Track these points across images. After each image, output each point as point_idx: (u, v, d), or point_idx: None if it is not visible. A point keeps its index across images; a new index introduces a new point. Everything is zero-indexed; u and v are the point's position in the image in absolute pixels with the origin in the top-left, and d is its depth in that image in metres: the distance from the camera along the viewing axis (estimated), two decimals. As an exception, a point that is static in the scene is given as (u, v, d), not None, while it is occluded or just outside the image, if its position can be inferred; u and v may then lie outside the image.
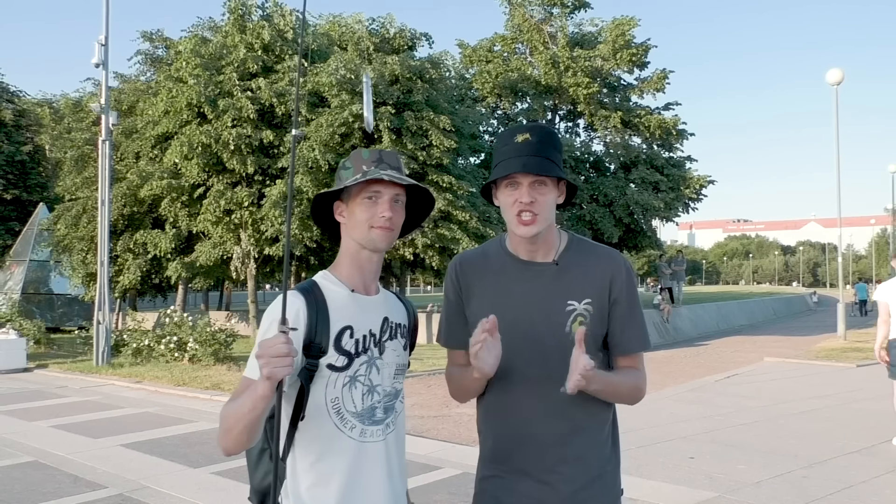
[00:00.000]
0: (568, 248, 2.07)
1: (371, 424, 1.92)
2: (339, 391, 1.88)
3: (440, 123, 18.39)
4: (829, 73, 21.25)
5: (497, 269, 2.08)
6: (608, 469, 2.06)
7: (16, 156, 29.31)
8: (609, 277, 2.02)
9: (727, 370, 14.33)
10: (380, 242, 1.95)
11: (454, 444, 7.89)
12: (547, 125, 2.28)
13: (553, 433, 1.99)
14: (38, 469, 7.03)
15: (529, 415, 2.00)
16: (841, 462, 6.92)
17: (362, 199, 1.93)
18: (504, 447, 2.04)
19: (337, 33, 21.48)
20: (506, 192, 1.99)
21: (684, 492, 5.98)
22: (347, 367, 1.90)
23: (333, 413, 1.88)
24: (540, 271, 2.04)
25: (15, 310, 21.14)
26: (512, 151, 1.97)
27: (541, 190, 1.96)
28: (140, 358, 15.34)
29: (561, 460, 1.99)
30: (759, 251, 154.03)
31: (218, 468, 6.88)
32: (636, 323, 2.05)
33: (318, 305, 1.89)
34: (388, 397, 1.97)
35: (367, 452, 1.90)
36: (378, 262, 2.02)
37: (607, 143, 27.52)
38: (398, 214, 1.97)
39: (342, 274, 1.99)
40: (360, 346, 1.92)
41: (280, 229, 17.92)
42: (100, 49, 15.72)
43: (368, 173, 1.91)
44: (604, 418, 2.07)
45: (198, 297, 39.16)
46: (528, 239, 1.99)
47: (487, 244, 2.19)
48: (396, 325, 2.04)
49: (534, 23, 27.88)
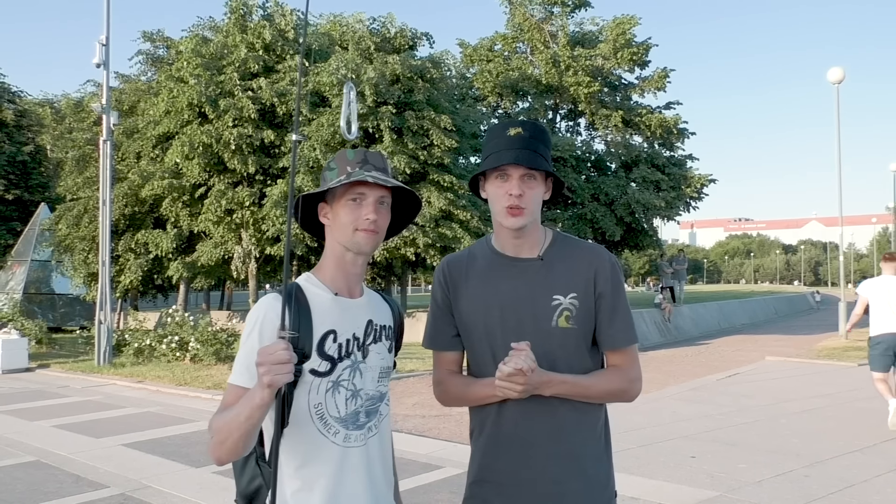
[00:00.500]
0: (553, 244, 2.08)
1: (355, 429, 1.90)
2: (323, 396, 1.86)
3: (441, 123, 18.38)
4: (830, 71, 21.23)
5: (483, 268, 2.08)
6: (601, 468, 2.05)
7: (17, 156, 29.34)
8: (594, 271, 2.01)
9: (728, 369, 14.32)
10: (364, 245, 1.92)
11: (455, 443, 7.89)
12: (538, 122, 2.29)
13: (542, 430, 1.98)
14: (39, 469, 7.04)
15: (518, 412, 1.98)
16: (843, 461, 6.91)
17: (346, 201, 1.90)
18: (494, 446, 2.03)
19: (338, 33, 21.47)
20: (495, 183, 1.99)
21: (686, 491, 5.97)
22: (330, 371, 1.87)
23: (317, 419, 1.85)
24: (525, 267, 2.04)
25: (17, 310, 21.15)
26: (504, 144, 1.98)
27: (530, 184, 1.97)
28: (141, 358, 15.36)
29: (551, 458, 1.97)
30: (761, 250, 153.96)
31: (219, 468, 6.89)
32: (621, 317, 2.04)
33: (301, 310, 1.86)
34: (372, 401, 1.94)
35: (351, 457, 1.88)
36: (363, 265, 1.99)
37: (608, 142, 27.51)
38: (383, 217, 1.94)
39: (325, 277, 1.96)
40: (344, 351, 1.90)
41: (281, 229, 17.92)
42: (101, 49, 15.73)
43: (353, 175, 1.88)
44: (595, 417, 2.05)
45: (199, 296, 39.14)
46: (514, 232, 2.00)
47: (474, 245, 2.20)
48: (381, 327, 2.01)
49: (534, 22, 27.87)
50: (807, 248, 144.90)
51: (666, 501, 5.73)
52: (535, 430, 1.98)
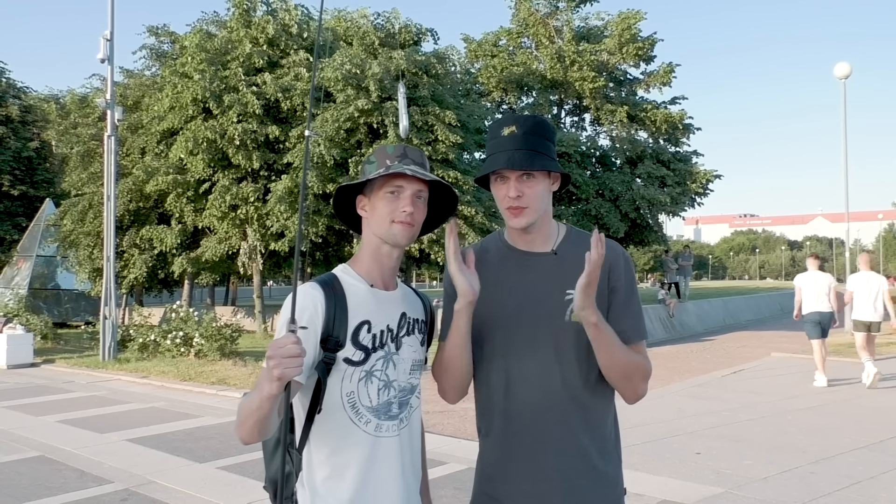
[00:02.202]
0: (566, 239, 2.07)
1: (387, 419, 1.93)
2: (355, 385, 1.89)
3: (446, 118, 18.34)
4: (837, 66, 21.10)
5: (496, 262, 2.07)
6: (611, 466, 2.03)
7: (22, 152, 29.39)
8: (608, 266, 2.00)
9: (734, 365, 14.28)
10: (400, 238, 1.96)
11: (459, 439, 7.87)
12: (537, 115, 2.26)
13: (554, 426, 1.96)
14: (44, 464, 7.05)
15: (529, 406, 1.97)
16: (849, 458, 6.88)
17: (384, 194, 1.94)
18: (502, 443, 2.01)
19: (342, 28, 21.45)
20: (496, 185, 2.00)
21: (691, 487, 5.95)
22: (364, 361, 1.91)
23: (349, 407, 1.89)
24: (538, 261, 2.03)
25: (22, 305, 21.21)
26: (498, 146, 1.97)
27: (528, 183, 1.95)
28: (146, 353, 15.38)
29: (560, 455, 1.96)
30: (766, 246, 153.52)
31: (224, 463, 6.89)
32: (632, 312, 2.02)
33: (337, 299, 1.90)
34: (404, 392, 1.98)
35: (382, 447, 1.92)
36: (398, 258, 2.03)
37: (613, 137, 27.40)
38: (419, 211, 1.97)
39: (361, 269, 2.00)
40: (378, 342, 1.93)
41: (286, 224, 17.92)
42: (105, 44, 15.72)
43: (391, 167, 1.92)
44: (605, 413, 2.04)
45: (204, 292, 39.20)
46: (523, 229, 2.00)
47: (486, 239, 2.19)
48: (414, 320, 2.05)
49: (539, 17, 27.78)
50: (812, 244, 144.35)
51: (671, 498, 5.71)
52: (543, 426, 1.96)
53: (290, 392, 1.73)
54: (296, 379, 1.76)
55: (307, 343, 1.77)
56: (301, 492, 1.91)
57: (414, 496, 2.01)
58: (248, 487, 6.05)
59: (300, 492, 1.91)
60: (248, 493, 5.88)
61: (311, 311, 1.85)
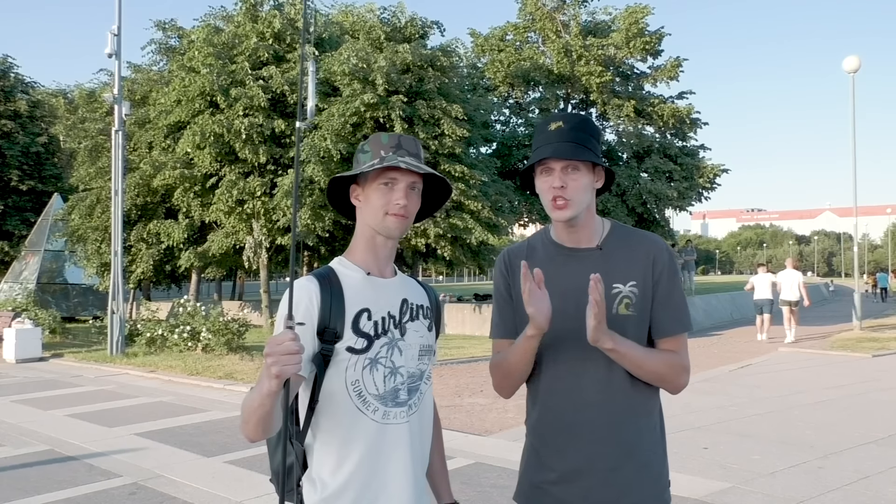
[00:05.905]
0: (611, 234, 2.10)
1: (394, 406, 1.91)
2: (360, 373, 1.88)
3: (452, 112, 18.32)
4: (846, 60, 20.95)
5: (542, 258, 2.10)
6: (655, 458, 2.08)
7: (31, 147, 29.50)
8: (651, 258, 2.03)
9: (741, 360, 14.24)
10: (394, 230, 1.94)
11: (466, 433, 7.88)
12: (582, 114, 2.31)
13: (601, 418, 2.00)
14: (53, 457, 7.08)
15: (578, 400, 2.01)
16: (857, 452, 6.85)
17: (378, 185, 1.93)
18: (551, 433, 2.05)
19: (349, 22, 21.43)
20: (541, 178, 2.03)
21: (699, 482, 5.94)
22: (367, 349, 1.89)
23: (355, 395, 1.88)
24: (584, 257, 2.06)
25: (30, 299, 21.33)
26: (544, 139, 2.01)
27: (573, 175, 1.98)
28: (154, 347, 15.43)
29: (606, 445, 1.99)
30: (774, 241, 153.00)
31: (232, 457, 6.91)
32: (674, 303, 2.04)
33: (333, 290, 1.89)
34: (413, 378, 1.96)
35: (390, 434, 1.90)
36: (392, 247, 2.02)
37: (620, 132, 27.31)
38: (413, 202, 1.96)
39: (357, 258, 1.99)
40: (380, 328, 1.92)
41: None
42: (113, 39, 15.74)
43: (386, 159, 1.90)
44: (652, 405, 2.09)
45: (211, 286, 39.31)
46: (566, 223, 2.03)
47: (533, 236, 2.22)
48: (417, 306, 2.03)
49: (546, 11, 27.68)
50: (820, 238, 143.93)
51: (679, 492, 5.69)
52: (594, 414, 2.00)
53: (290, 387, 1.71)
54: (297, 373, 1.75)
55: (305, 337, 1.77)
56: (308, 482, 1.90)
57: (422, 482, 2.00)
58: (256, 481, 6.06)
59: (306, 482, 1.90)
60: (256, 487, 5.90)
61: (307, 304, 1.85)
